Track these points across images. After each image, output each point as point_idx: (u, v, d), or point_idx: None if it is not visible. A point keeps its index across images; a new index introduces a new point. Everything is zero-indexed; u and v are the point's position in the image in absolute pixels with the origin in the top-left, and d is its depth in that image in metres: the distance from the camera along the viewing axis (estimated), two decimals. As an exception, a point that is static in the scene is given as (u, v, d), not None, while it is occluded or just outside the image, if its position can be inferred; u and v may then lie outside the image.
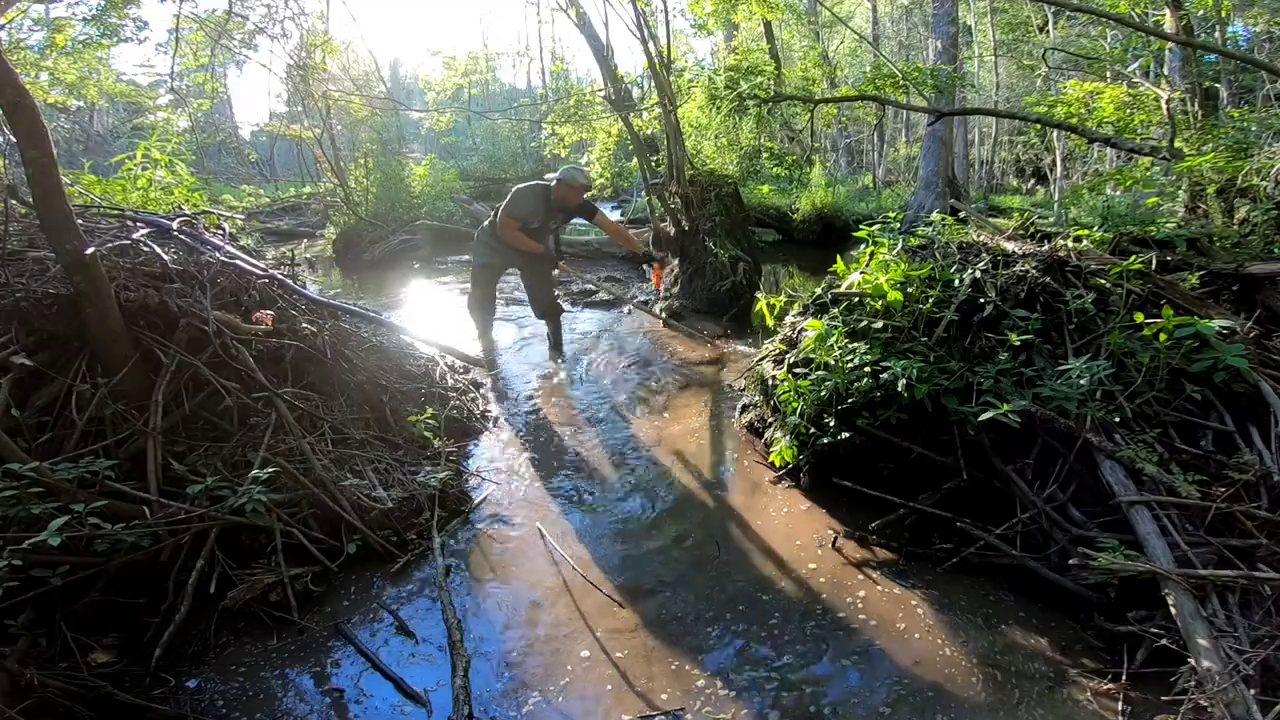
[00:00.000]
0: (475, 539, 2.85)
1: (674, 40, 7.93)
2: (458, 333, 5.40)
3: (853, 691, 2.01)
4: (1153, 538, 2.13)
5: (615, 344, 5.40)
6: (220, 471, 2.56)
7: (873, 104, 7.93)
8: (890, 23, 20.79)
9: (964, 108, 10.75)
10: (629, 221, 12.24)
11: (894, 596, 2.42)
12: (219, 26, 7.90)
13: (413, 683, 2.05)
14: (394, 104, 11.77)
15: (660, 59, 6.17)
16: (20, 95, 2.39)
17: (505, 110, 14.38)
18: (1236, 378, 2.45)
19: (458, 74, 10.14)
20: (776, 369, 3.53)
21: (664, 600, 2.45)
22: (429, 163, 12.29)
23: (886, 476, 2.86)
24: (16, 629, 2.02)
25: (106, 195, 4.14)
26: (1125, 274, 2.76)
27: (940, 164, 11.25)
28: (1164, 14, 5.80)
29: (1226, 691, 1.69)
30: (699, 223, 6.28)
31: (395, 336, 4.26)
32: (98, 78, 8.68)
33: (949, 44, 10.99)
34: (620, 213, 14.23)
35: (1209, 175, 4.15)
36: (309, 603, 2.39)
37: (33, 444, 2.39)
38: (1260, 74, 9.64)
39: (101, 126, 17.01)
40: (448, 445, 3.41)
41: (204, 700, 2.00)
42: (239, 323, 3.10)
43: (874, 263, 3.31)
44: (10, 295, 2.64)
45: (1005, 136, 18.60)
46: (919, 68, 6.74)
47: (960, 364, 2.80)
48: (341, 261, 9.80)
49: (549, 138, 9.35)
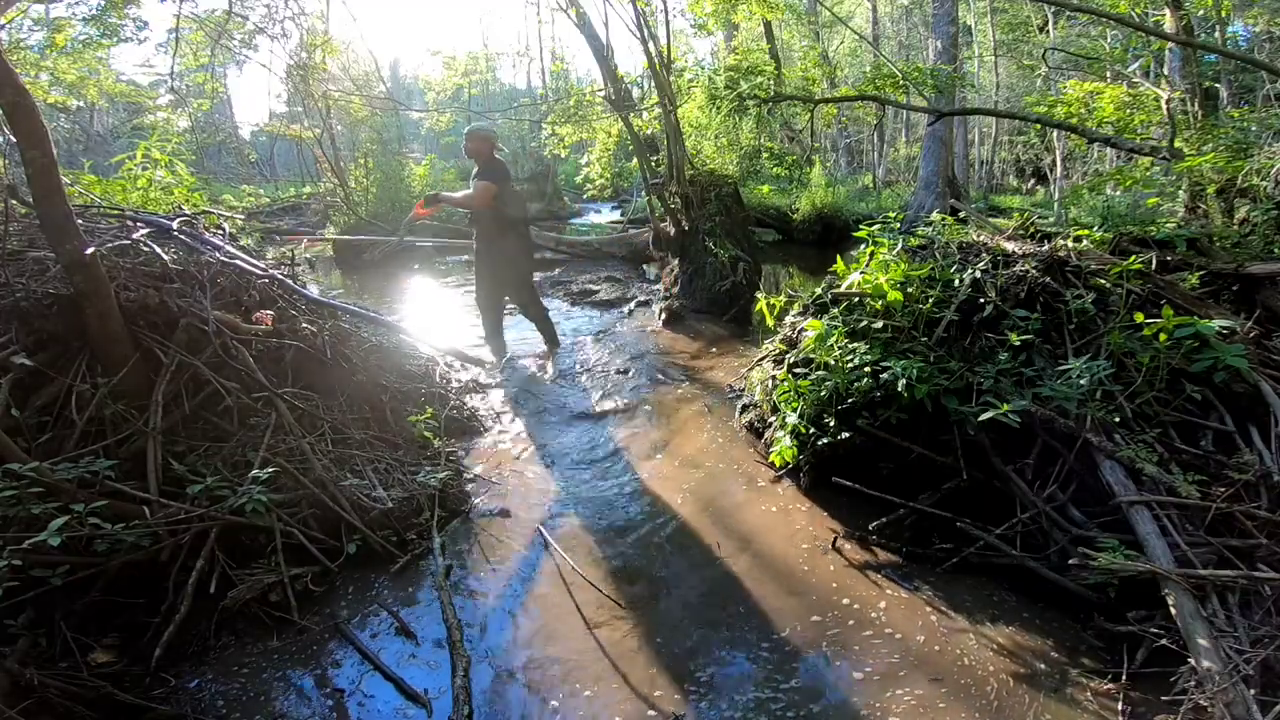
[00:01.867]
0: (475, 539, 2.85)
1: (674, 40, 7.95)
2: (458, 333, 5.41)
3: (852, 692, 2.01)
4: (1153, 538, 2.13)
5: (615, 344, 5.40)
6: (220, 471, 2.56)
7: (873, 104, 7.93)
8: (890, 23, 20.79)
9: (964, 108, 10.76)
10: (629, 221, 12.25)
11: (894, 597, 2.42)
12: (219, 26, 7.91)
13: (413, 683, 2.05)
14: (394, 104, 11.77)
15: (660, 59, 6.17)
16: (20, 95, 2.39)
17: (505, 110, 14.38)
18: (1236, 378, 2.45)
19: (458, 74, 10.16)
20: (776, 369, 3.53)
21: (664, 600, 2.45)
22: (429, 163, 12.30)
23: (886, 476, 2.86)
24: (16, 629, 2.02)
25: (106, 195, 4.14)
26: (1125, 274, 2.76)
27: (940, 164, 11.25)
28: (1164, 14, 5.80)
29: (1226, 691, 1.69)
30: (699, 223, 6.29)
31: (395, 336, 4.26)
32: (98, 78, 8.69)
33: (949, 44, 10.99)
34: (620, 213, 14.25)
35: (1209, 175, 4.15)
36: (309, 603, 2.39)
37: (33, 444, 2.39)
38: (1260, 74, 9.64)
39: (101, 126, 16.99)
40: (448, 445, 3.41)
41: (204, 700, 2.00)
42: (239, 323, 3.10)
43: (874, 263, 3.31)
44: (10, 295, 2.64)
45: (1005, 136, 18.60)
46: (919, 68, 6.74)
47: (960, 364, 2.80)
48: (341, 261, 9.80)
49: (549, 138, 9.36)
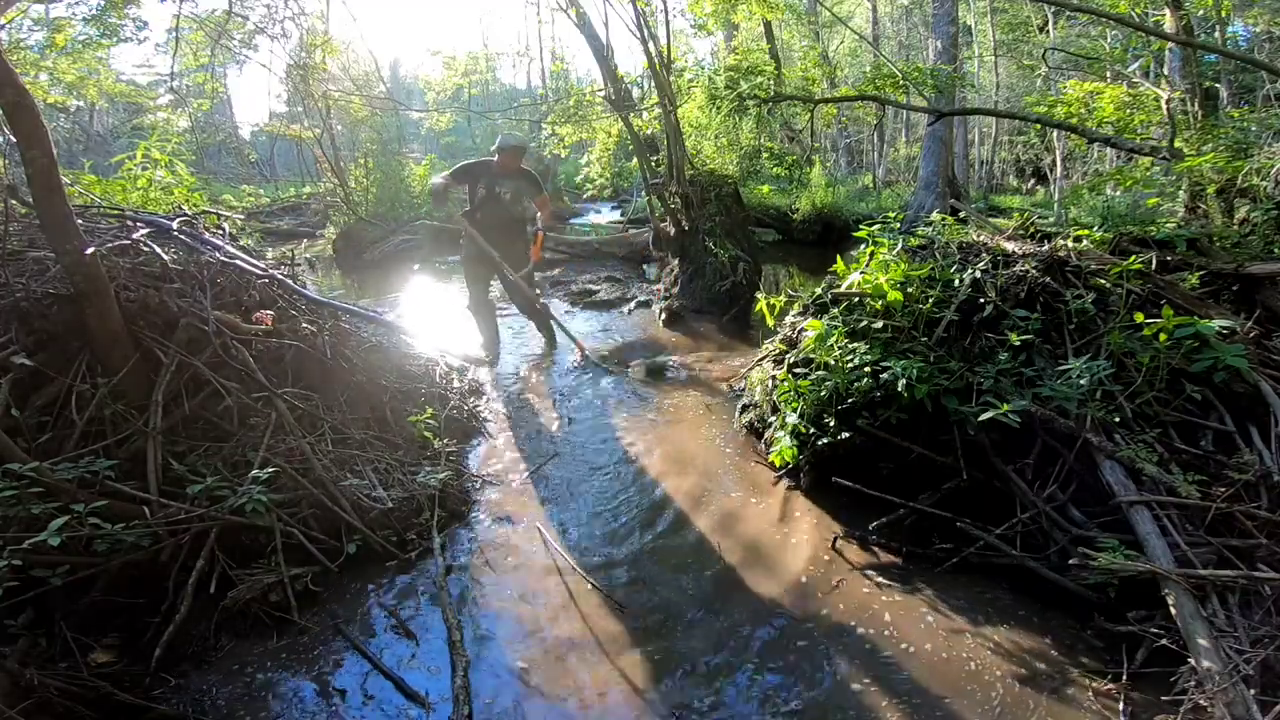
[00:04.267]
0: (475, 539, 2.85)
1: (674, 40, 7.95)
2: (458, 333, 5.41)
3: (852, 692, 2.02)
4: (1153, 538, 2.13)
5: (615, 344, 5.39)
6: (220, 471, 2.56)
7: (873, 104, 7.93)
8: (890, 23, 20.77)
9: (964, 108, 10.74)
10: (629, 221, 12.24)
11: (894, 597, 2.42)
12: (219, 26, 7.90)
13: (413, 683, 2.05)
14: (394, 104, 11.77)
15: (660, 59, 6.17)
16: (20, 95, 2.39)
17: (505, 110, 14.36)
18: (1236, 378, 2.45)
19: (458, 74, 10.14)
20: (776, 369, 3.53)
21: (664, 600, 2.45)
22: (429, 163, 12.30)
23: (886, 476, 2.86)
24: (16, 629, 2.02)
25: (106, 195, 4.14)
26: (1125, 274, 2.76)
27: (940, 164, 11.24)
28: (1164, 14, 5.79)
29: (1226, 691, 1.69)
30: (699, 223, 6.29)
31: (395, 336, 4.26)
32: (98, 78, 8.69)
33: (949, 44, 10.98)
34: (620, 213, 14.23)
35: (1209, 175, 4.15)
36: (309, 603, 2.39)
37: (33, 444, 2.39)
38: (1260, 74, 9.64)
39: (101, 126, 16.99)
40: (448, 445, 3.41)
41: (204, 700, 2.00)
42: (239, 323, 3.10)
43: (874, 263, 3.31)
44: (10, 295, 2.65)
45: (1005, 136, 18.59)
46: (919, 68, 6.74)
47: (960, 364, 2.80)
48: (341, 261, 9.81)
49: (549, 138, 9.35)
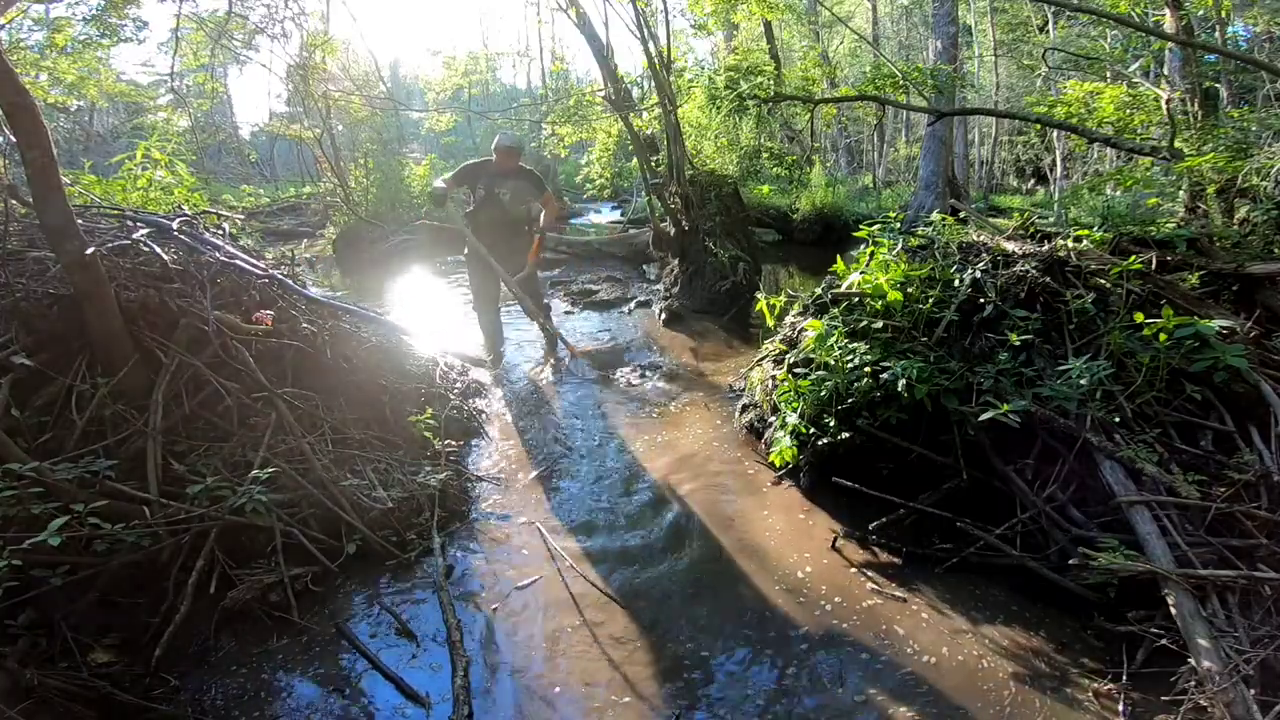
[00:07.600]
0: (475, 539, 2.85)
1: (674, 40, 7.95)
2: (458, 333, 5.41)
3: (852, 692, 2.02)
4: (1153, 538, 2.13)
5: (615, 344, 5.39)
6: (220, 471, 2.56)
7: (873, 104, 7.94)
8: (890, 23, 20.78)
9: (964, 108, 10.76)
10: (629, 221, 12.25)
11: (894, 597, 2.42)
12: (219, 26, 7.89)
13: (413, 683, 2.05)
14: (394, 104, 11.76)
15: (660, 59, 6.17)
16: (20, 95, 2.39)
17: (505, 110, 14.37)
18: (1236, 378, 2.45)
19: (458, 74, 10.15)
20: (776, 369, 3.53)
21: (663, 600, 2.45)
22: (429, 163, 12.29)
23: (886, 476, 2.86)
24: (16, 629, 2.02)
25: (106, 195, 4.14)
26: (1125, 274, 2.76)
27: (940, 164, 11.23)
28: (1164, 14, 5.79)
29: (1226, 691, 1.70)
30: (699, 223, 6.29)
31: (395, 336, 4.26)
32: (98, 78, 8.67)
33: (949, 44, 10.97)
34: (620, 213, 14.23)
35: (1209, 175, 4.15)
36: (309, 603, 2.39)
37: (33, 444, 2.39)
38: (1260, 74, 9.63)
39: (101, 126, 16.98)
40: (448, 445, 3.41)
41: (204, 700, 2.00)
42: (239, 323, 3.10)
43: (874, 263, 3.31)
44: (10, 295, 2.65)
45: (1005, 136, 18.60)
46: (919, 68, 6.74)
47: (960, 364, 2.80)
48: (341, 261, 9.80)
49: (549, 138, 9.36)
